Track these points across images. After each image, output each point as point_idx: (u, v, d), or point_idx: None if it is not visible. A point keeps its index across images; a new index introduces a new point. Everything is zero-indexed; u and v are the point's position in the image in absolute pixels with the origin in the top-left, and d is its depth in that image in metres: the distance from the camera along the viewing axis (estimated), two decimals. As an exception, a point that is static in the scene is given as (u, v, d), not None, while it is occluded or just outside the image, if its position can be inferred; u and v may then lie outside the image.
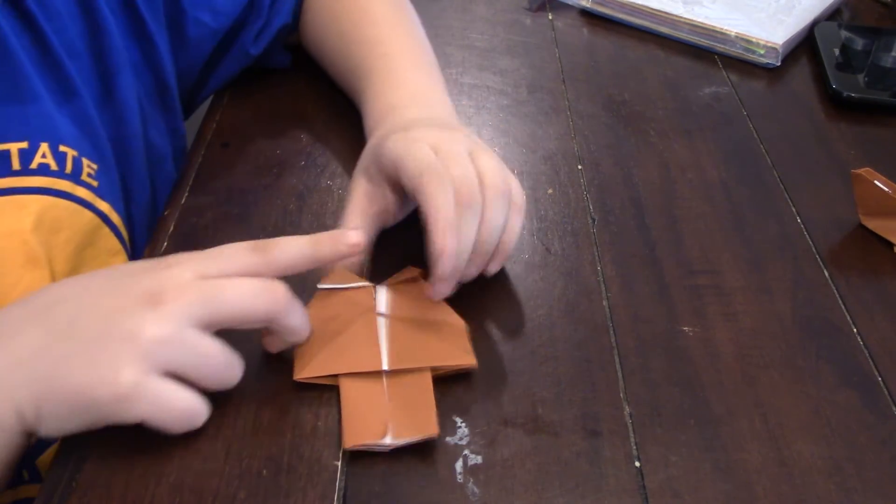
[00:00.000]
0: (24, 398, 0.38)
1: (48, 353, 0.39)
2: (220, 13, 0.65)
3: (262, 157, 0.63)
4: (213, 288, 0.41)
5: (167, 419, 0.40)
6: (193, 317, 0.40)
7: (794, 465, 0.43)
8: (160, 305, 0.39)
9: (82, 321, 0.40)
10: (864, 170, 0.58)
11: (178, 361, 0.40)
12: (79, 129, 0.54)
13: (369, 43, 0.63)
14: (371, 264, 0.53)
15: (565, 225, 0.58)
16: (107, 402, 0.38)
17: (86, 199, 0.53)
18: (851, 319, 0.52)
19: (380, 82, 0.60)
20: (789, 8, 0.84)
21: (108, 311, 0.40)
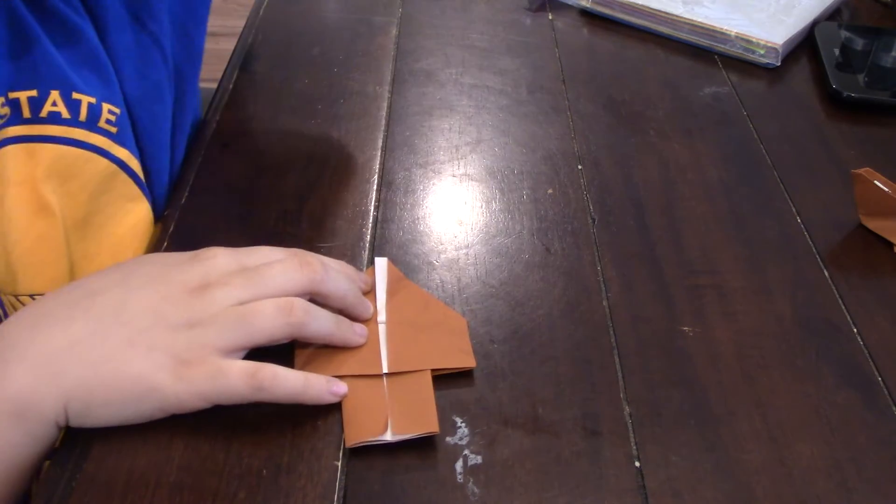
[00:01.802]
0: (73, 386, 0.39)
1: (99, 340, 0.40)
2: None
3: (262, 157, 0.63)
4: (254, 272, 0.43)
5: (230, 396, 0.41)
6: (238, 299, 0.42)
7: (794, 465, 0.43)
8: (206, 291, 0.41)
9: (130, 309, 0.41)
10: (864, 170, 0.58)
11: (230, 342, 0.41)
12: (92, 70, 0.53)
13: None
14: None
15: (565, 225, 0.58)
16: (165, 387, 0.39)
17: (101, 147, 0.53)
18: (851, 319, 0.52)
19: None
20: (789, 8, 0.84)
21: (156, 300, 0.41)
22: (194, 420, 0.43)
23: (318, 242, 0.55)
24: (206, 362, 0.40)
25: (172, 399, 0.40)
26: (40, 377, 0.39)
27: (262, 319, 0.42)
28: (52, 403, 0.39)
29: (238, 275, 0.43)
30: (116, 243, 0.54)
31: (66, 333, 0.40)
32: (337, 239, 0.55)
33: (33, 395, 0.39)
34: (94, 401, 0.39)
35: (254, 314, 0.42)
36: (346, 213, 0.58)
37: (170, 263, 0.44)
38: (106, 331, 0.40)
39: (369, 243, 0.55)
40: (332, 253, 0.54)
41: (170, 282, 0.42)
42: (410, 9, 0.84)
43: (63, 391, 0.39)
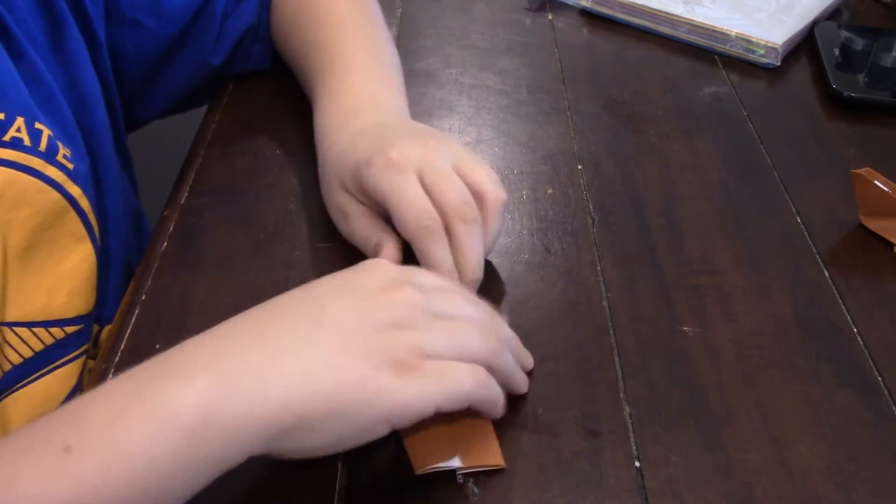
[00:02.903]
0: (281, 400, 0.34)
1: (306, 347, 0.36)
2: (164, 17, 0.62)
3: (262, 157, 0.63)
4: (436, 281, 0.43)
5: (458, 396, 0.38)
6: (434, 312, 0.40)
7: (794, 465, 0.43)
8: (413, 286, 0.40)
9: (332, 314, 0.38)
10: (864, 170, 0.58)
11: (439, 349, 0.39)
12: (47, 114, 0.53)
13: (326, 44, 0.62)
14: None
15: (565, 225, 0.58)
16: (393, 390, 0.36)
17: (55, 180, 0.51)
18: (851, 319, 0.52)
19: (334, 86, 0.58)
20: (789, 8, 0.84)
21: (355, 302, 0.39)
22: (194, 420, 0.43)
23: (319, 242, 0.55)
24: (424, 364, 0.37)
25: (402, 402, 0.36)
26: (232, 390, 0.34)
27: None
28: (247, 423, 0.34)
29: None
30: (55, 280, 0.52)
31: (262, 346, 0.36)
32: (337, 239, 0.55)
33: (219, 410, 0.33)
34: (312, 414, 0.34)
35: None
36: (346, 213, 0.57)
37: (350, 274, 0.42)
38: (312, 337, 0.36)
39: (369, 243, 0.55)
40: (332, 253, 0.54)
41: (364, 283, 0.40)
42: (410, 9, 0.84)
43: (266, 408, 0.34)
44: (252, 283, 0.52)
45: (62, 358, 0.53)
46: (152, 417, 0.33)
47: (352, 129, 0.54)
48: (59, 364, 0.53)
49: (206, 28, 0.65)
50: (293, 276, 0.53)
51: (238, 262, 0.54)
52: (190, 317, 0.50)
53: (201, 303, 0.50)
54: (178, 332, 0.48)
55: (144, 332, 0.49)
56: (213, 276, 0.52)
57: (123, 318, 0.50)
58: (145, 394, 0.33)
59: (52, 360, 0.53)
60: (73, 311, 0.53)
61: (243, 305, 0.50)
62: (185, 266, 0.53)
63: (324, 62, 0.61)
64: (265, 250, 0.54)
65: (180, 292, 0.51)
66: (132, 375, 0.35)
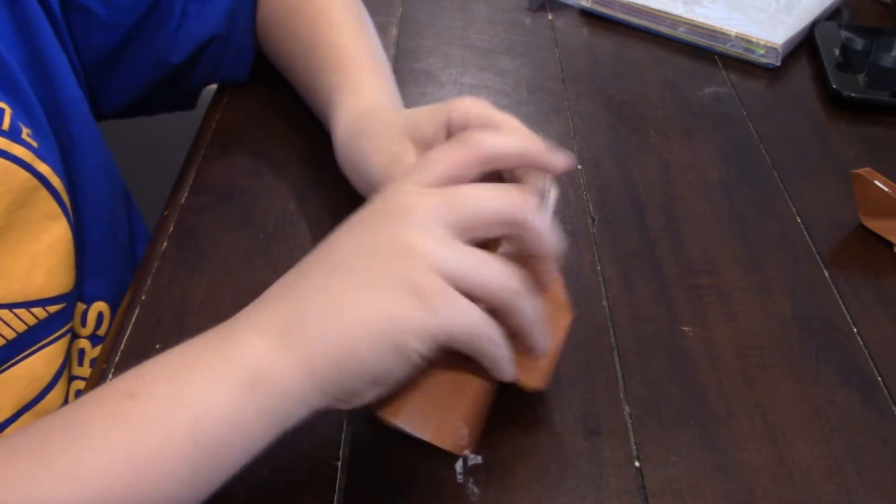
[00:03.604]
0: (315, 351, 0.35)
1: (324, 296, 0.36)
2: (115, 6, 0.60)
3: (262, 157, 0.63)
4: (455, 194, 0.38)
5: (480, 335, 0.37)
6: (447, 224, 0.37)
7: (794, 465, 0.43)
8: (412, 214, 0.37)
9: (338, 254, 0.38)
10: (864, 170, 0.58)
11: (459, 270, 0.36)
12: (5, 92, 0.51)
13: (327, 50, 0.61)
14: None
15: (565, 225, 0.58)
16: (417, 318, 0.35)
17: (22, 159, 0.50)
18: (851, 319, 0.52)
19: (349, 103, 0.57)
20: (789, 8, 0.84)
21: (357, 239, 0.38)
22: (194, 420, 0.43)
23: (319, 242, 0.55)
24: (440, 290, 0.35)
25: (429, 329, 0.35)
26: (277, 347, 0.35)
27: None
28: (294, 375, 0.35)
29: (436, 197, 0.38)
30: (30, 261, 0.52)
31: (290, 301, 0.37)
32: (337, 239, 0.55)
33: (272, 365, 0.35)
34: (344, 361, 0.35)
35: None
36: (345, 213, 0.57)
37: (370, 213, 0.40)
38: (326, 285, 0.36)
39: (369, 243, 0.55)
40: (332, 253, 0.54)
41: (375, 226, 0.38)
42: (410, 9, 0.84)
43: (305, 361, 0.35)
44: (252, 283, 0.52)
45: (46, 338, 0.53)
46: (212, 370, 0.35)
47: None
48: (44, 344, 0.53)
49: (162, 21, 0.63)
50: (293, 276, 0.53)
51: (238, 262, 0.54)
52: (190, 317, 0.50)
53: (201, 303, 0.50)
54: (178, 332, 0.48)
55: (144, 332, 0.49)
56: (213, 276, 0.52)
57: (123, 318, 0.50)
58: (206, 349, 0.36)
59: (37, 341, 0.53)
60: (54, 291, 0.53)
61: (243, 305, 0.50)
62: (185, 266, 0.53)
63: (329, 74, 0.59)
64: (265, 250, 0.54)
65: (180, 292, 0.51)
66: (198, 338, 0.37)
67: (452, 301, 0.35)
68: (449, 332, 0.35)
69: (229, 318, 0.38)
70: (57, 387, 0.53)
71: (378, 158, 0.50)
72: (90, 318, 0.57)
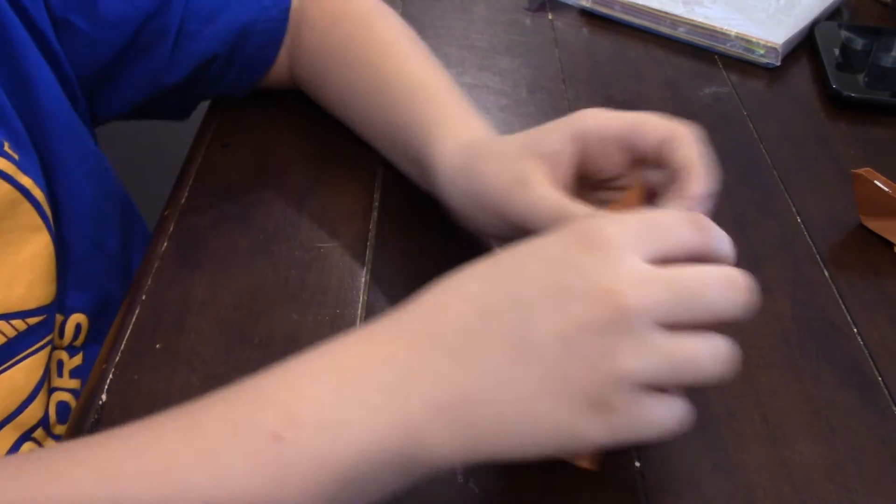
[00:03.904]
0: (478, 439, 0.34)
1: (506, 386, 0.33)
2: (101, 22, 0.57)
3: (262, 157, 0.63)
4: (682, 284, 0.34)
5: (649, 436, 0.35)
6: (664, 317, 0.33)
7: (794, 465, 0.43)
8: (625, 312, 0.33)
9: (535, 341, 0.34)
10: (864, 170, 0.58)
11: (657, 378, 0.34)
12: None
13: (407, 79, 0.57)
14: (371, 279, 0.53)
15: (565, 225, 0.58)
16: (589, 436, 0.33)
17: (4, 171, 0.49)
18: (851, 319, 0.52)
19: (444, 124, 0.53)
20: (789, 8, 0.84)
21: (562, 325, 0.33)
22: (194, 420, 0.43)
23: (318, 242, 0.55)
24: (631, 406, 0.33)
25: (591, 443, 0.34)
26: (441, 423, 0.33)
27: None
28: (447, 454, 0.34)
29: (663, 287, 0.33)
30: (11, 273, 0.51)
31: (469, 374, 0.34)
32: (337, 239, 0.55)
33: (431, 439, 0.34)
34: (499, 452, 0.34)
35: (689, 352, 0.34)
36: (346, 213, 0.58)
37: (560, 261, 0.35)
38: (512, 373, 0.33)
39: (369, 243, 0.55)
40: (332, 253, 0.54)
41: (571, 293, 0.34)
42: (410, 9, 0.84)
43: (465, 446, 0.34)
44: (252, 283, 0.52)
45: (26, 350, 0.52)
46: (371, 432, 0.33)
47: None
48: (24, 356, 0.52)
49: (155, 41, 0.59)
50: (293, 276, 0.53)
51: (238, 262, 0.54)
52: (190, 317, 0.50)
53: (201, 303, 0.51)
54: (178, 332, 0.48)
55: (144, 332, 0.49)
56: (213, 276, 0.52)
57: (123, 318, 0.50)
58: (362, 405, 0.34)
59: (16, 353, 0.52)
60: (34, 302, 0.52)
61: (243, 305, 0.50)
62: (185, 266, 0.53)
63: (417, 108, 0.55)
64: (265, 250, 0.54)
65: (180, 292, 0.51)
66: (346, 374, 0.35)
67: (639, 417, 0.33)
68: (623, 441, 0.34)
69: (386, 327, 0.36)
70: (37, 399, 0.52)
71: (500, 182, 0.46)
72: (68, 330, 0.56)
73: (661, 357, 0.33)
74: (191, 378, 0.46)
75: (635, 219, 0.35)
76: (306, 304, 0.51)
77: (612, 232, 0.35)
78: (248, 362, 0.47)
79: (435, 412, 0.34)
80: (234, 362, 0.47)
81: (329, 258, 0.54)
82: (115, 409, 0.44)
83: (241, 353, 0.47)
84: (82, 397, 0.46)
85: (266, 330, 0.49)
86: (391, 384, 0.34)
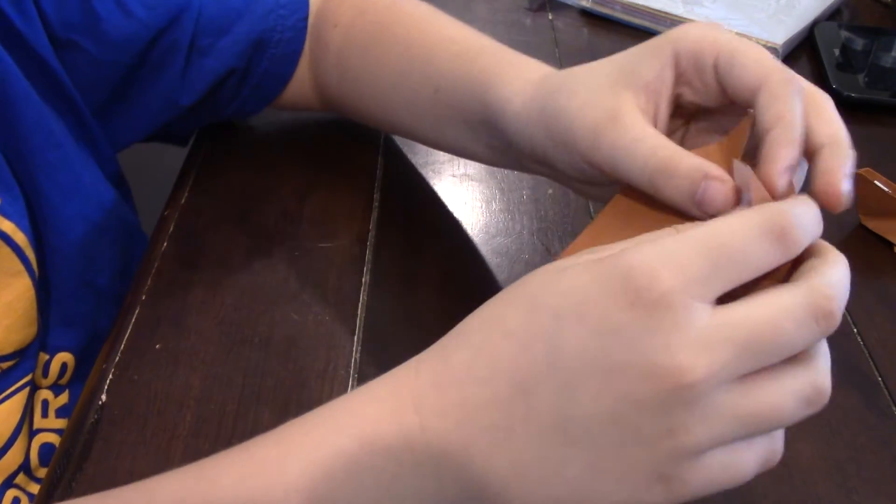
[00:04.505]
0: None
1: (554, 469, 0.30)
2: (106, 43, 0.54)
3: (262, 157, 0.63)
4: (749, 334, 0.28)
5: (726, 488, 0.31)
6: (732, 376, 0.29)
7: (794, 465, 0.43)
8: (688, 388, 0.28)
9: (580, 424, 0.29)
10: (864, 170, 0.58)
11: (732, 439, 0.30)
12: None
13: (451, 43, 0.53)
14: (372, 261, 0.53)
15: (565, 225, 0.58)
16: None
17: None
18: (851, 319, 0.52)
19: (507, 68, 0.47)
20: (789, 8, 0.84)
21: (611, 403, 0.29)
22: (194, 421, 0.43)
23: (318, 242, 0.55)
24: (699, 470, 0.29)
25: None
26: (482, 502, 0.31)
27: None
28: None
29: (730, 347, 0.28)
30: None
31: (511, 454, 0.30)
32: (337, 239, 0.55)
33: None
34: None
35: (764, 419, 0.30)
36: (346, 213, 0.58)
37: (604, 327, 0.29)
38: (564, 456, 0.29)
39: (369, 243, 0.55)
40: (332, 253, 0.54)
41: (622, 370, 0.28)
42: (410, 9, 0.84)
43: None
44: (252, 283, 0.52)
45: (2, 392, 0.50)
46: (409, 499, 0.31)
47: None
48: (1, 399, 0.49)
49: (166, 59, 0.56)
50: (293, 276, 0.53)
51: (238, 262, 0.54)
52: (190, 317, 0.50)
53: (201, 303, 0.51)
54: (178, 332, 0.48)
55: (144, 332, 0.49)
56: (213, 276, 0.52)
57: (123, 318, 0.50)
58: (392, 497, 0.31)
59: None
60: (10, 347, 0.49)
61: (243, 305, 0.50)
62: (185, 266, 0.53)
63: (470, 64, 0.50)
64: (265, 250, 0.54)
65: (180, 292, 0.51)
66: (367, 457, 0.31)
67: (711, 479, 0.30)
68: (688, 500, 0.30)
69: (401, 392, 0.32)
70: (17, 443, 0.49)
71: (588, 119, 0.39)
72: (53, 369, 0.54)
73: (732, 422, 0.29)
74: (191, 378, 0.46)
75: (696, 250, 0.29)
76: (306, 304, 0.51)
77: (666, 281, 0.28)
78: (248, 362, 0.47)
79: (470, 492, 0.31)
80: (234, 362, 0.47)
81: (329, 258, 0.54)
82: (115, 409, 0.44)
83: (241, 353, 0.47)
84: (82, 397, 0.46)
85: (266, 330, 0.49)
86: (415, 469, 0.31)
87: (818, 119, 0.36)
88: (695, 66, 0.38)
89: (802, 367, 0.30)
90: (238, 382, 0.46)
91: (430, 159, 0.63)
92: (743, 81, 0.36)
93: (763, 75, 0.36)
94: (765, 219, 0.30)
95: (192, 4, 0.56)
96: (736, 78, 0.37)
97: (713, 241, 0.29)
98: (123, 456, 0.41)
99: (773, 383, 0.29)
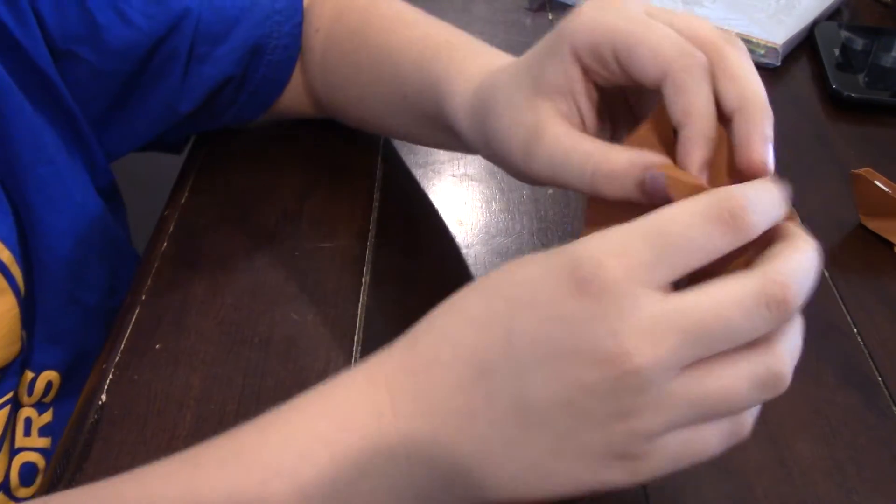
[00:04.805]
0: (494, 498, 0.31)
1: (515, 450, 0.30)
2: (107, 52, 0.54)
3: (262, 157, 0.63)
4: (696, 322, 0.28)
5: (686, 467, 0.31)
6: (681, 363, 0.29)
7: (794, 465, 0.43)
8: (635, 374, 0.28)
9: (536, 407, 0.30)
10: (864, 170, 0.58)
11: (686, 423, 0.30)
12: None
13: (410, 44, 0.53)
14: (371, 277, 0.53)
15: (565, 225, 0.58)
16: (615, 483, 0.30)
17: None
18: (851, 319, 0.52)
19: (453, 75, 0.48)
20: (789, 8, 0.84)
21: (564, 390, 0.29)
22: (194, 421, 0.43)
23: (319, 242, 0.55)
24: (656, 450, 0.30)
25: (618, 487, 0.31)
26: (455, 485, 0.32)
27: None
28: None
29: (677, 333, 0.28)
30: None
31: (476, 436, 0.31)
32: (337, 239, 0.55)
33: (441, 495, 0.32)
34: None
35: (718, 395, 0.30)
36: (346, 213, 0.58)
37: (553, 314, 0.30)
38: (521, 438, 0.30)
39: (369, 243, 0.55)
40: (332, 253, 0.54)
41: (569, 357, 0.29)
42: (410, 9, 0.84)
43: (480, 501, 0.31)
44: (252, 283, 0.52)
45: None
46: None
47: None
48: None
49: (166, 68, 0.56)
50: (293, 276, 0.53)
51: (238, 262, 0.54)
52: (190, 317, 0.50)
53: (201, 303, 0.51)
54: (178, 332, 0.48)
55: (144, 332, 0.49)
56: (213, 276, 0.52)
57: (123, 318, 0.50)
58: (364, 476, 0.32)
59: None
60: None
61: (243, 305, 0.50)
62: (185, 266, 0.53)
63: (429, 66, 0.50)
64: (265, 250, 0.54)
65: (180, 292, 0.51)
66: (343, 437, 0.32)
67: (667, 458, 0.30)
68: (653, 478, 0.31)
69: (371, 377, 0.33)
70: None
71: (516, 139, 0.39)
72: (38, 387, 0.53)
73: (684, 406, 0.29)
74: (191, 378, 0.46)
75: (641, 238, 0.29)
76: (306, 304, 0.51)
77: (611, 269, 0.28)
78: (248, 362, 0.47)
79: (437, 473, 0.32)
80: (234, 362, 0.47)
81: (329, 258, 0.54)
82: (115, 409, 0.44)
83: (241, 353, 0.48)
84: (82, 397, 0.46)
85: (266, 330, 0.49)
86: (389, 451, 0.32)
87: (726, 80, 0.35)
88: (596, 60, 0.37)
89: (758, 352, 0.30)
90: (238, 382, 0.46)
91: (430, 159, 0.63)
92: (645, 73, 0.35)
93: (663, 67, 0.35)
94: (711, 203, 0.29)
95: (191, 12, 0.56)
96: (637, 70, 0.35)
97: (657, 228, 0.29)
98: (123, 456, 0.41)
99: (727, 369, 0.29)
